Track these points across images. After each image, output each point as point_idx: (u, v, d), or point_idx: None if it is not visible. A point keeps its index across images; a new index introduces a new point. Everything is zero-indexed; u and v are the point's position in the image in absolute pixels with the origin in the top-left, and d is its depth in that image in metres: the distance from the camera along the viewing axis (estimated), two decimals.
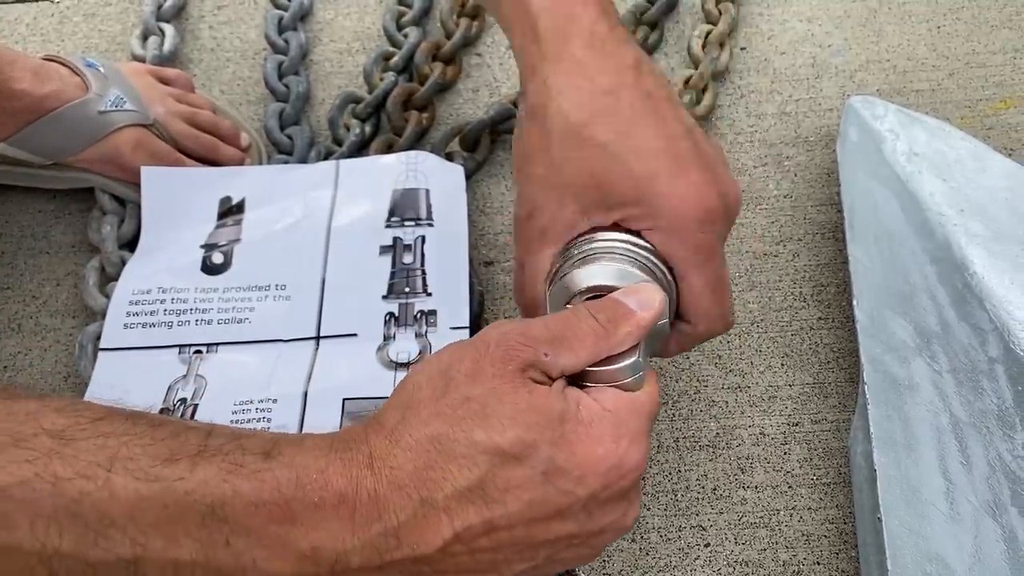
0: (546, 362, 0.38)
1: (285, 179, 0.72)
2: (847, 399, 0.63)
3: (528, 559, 0.38)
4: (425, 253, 0.67)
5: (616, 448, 0.37)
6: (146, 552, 0.33)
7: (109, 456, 0.34)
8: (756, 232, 0.71)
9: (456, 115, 0.80)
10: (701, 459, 0.62)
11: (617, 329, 0.40)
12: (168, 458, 0.34)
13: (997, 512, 0.52)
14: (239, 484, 0.34)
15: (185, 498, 0.34)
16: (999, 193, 0.65)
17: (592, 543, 0.40)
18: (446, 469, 0.36)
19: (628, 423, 0.38)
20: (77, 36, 0.86)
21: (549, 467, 0.36)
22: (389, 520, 0.35)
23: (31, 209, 0.75)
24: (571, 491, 0.37)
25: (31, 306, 0.71)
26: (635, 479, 0.39)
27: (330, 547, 0.35)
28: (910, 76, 0.79)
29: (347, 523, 0.35)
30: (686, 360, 0.66)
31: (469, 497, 0.36)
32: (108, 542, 0.33)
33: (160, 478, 0.34)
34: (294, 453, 0.36)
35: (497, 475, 0.36)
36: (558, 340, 0.39)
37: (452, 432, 0.36)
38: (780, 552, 0.58)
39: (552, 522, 0.37)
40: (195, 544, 0.34)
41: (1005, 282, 0.60)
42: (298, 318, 0.64)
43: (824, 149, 0.75)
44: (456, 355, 0.39)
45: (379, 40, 0.84)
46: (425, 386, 0.38)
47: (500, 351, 0.38)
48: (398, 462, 0.36)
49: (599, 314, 0.40)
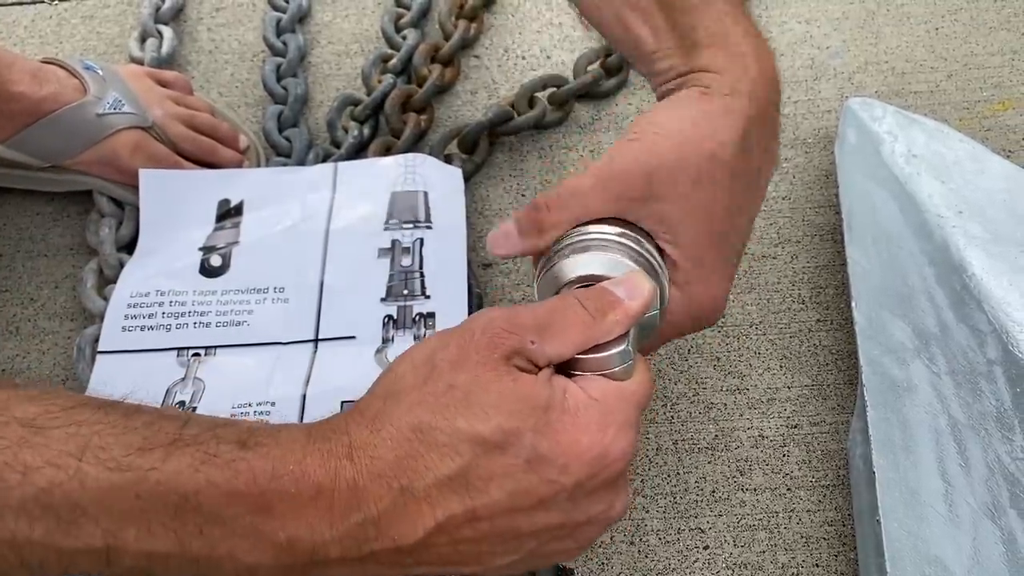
0: (532, 350, 0.38)
1: (283, 181, 0.72)
2: (846, 401, 0.63)
3: (512, 551, 0.38)
4: (424, 255, 0.67)
5: (602, 437, 0.37)
6: (118, 542, 0.33)
7: (80, 445, 0.33)
8: (755, 234, 0.71)
9: (454, 117, 0.79)
10: (700, 461, 0.62)
11: (605, 317, 0.40)
12: (141, 447, 0.34)
13: (996, 514, 0.52)
14: (213, 474, 0.34)
15: (157, 488, 0.33)
16: (997, 195, 0.65)
17: (578, 535, 0.39)
18: (428, 458, 0.35)
19: (615, 412, 0.38)
20: (75, 38, 0.85)
21: (532, 456, 0.36)
22: (369, 510, 0.35)
23: (29, 211, 0.75)
24: (555, 480, 0.36)
25: (29, 309, 0.71)
26: (621, 469, 0.38)
27: (307, 538, 0.34)
28: (908, 78, 0.79)
29: (325, 514, 0.34)
30: (685, 362, 0.66)
31: (451, 486, 0.35)
32: (80, 531, 0.33)
33: (132, 467, 0.33)
34: (271, 444, 0.35)
35: (480, 464, 0.35)
36: (545, 328, 0.38)
37: (434, 420, 0.36)
38: (779, 554, 0.58)
39: (536, 512, 0.37)
40: (169, 534, 0.33)
41: (1004, 284, 0.59)
42: (296, 320, 0.64)
43: (823, 151, 0.75)
44: (441, 343, 0.39)
45: (377, 42, 0.84)
46: (408, 374, 0.38)
47: (485, 338, 0.37)
48: (378, 452, 0.35)
49: (587, 302, 0.40)
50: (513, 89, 0.79)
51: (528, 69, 0.82)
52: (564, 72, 0.80)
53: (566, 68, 0.81)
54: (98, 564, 0.34)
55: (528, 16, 0.85)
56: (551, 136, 0.78)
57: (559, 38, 0.84)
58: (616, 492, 0.39)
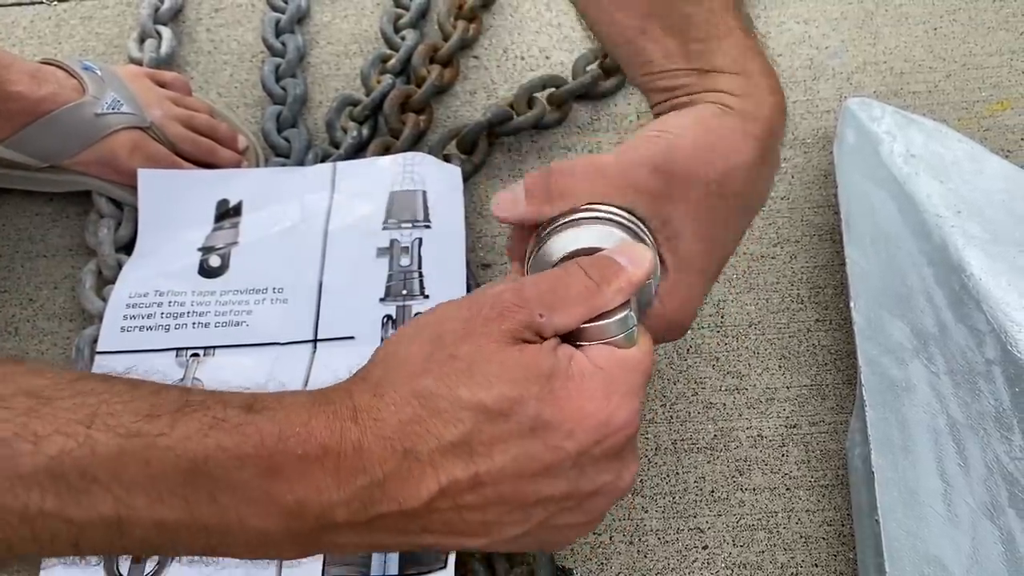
0: (541, 323, 0.38)
1: (282, 181, 0.72)
2: (845, 401, 0.63)
3: (520, 521, 0.37)
4: (422, 255, 0.67)
5: (607, 404, 0.37)
6: (130, 511, 0.33)
7: (89, 413, 0.33)
8: (753, 234, 0.71)
9: (453, 117, 0.80)
10: (699, 461, 0.62)
11: (609, 285, 0.40)
12: (149, 414, 0.34)
13: (994, 514, 0.52)
14: (222, 438, 0.34)
15: (167, 453, 0.33)
16: (996, 195, 0.65)
17: (587, 507, 0.39)
18: (430, 423, 0.35)
19: (619, 380, 0.38)
20: (74, 39, 0.85)
21: (536, 422, 0.36)
22: (374, 472, 0.35)
23: (28, 212, 0.75)
24: (559, 446, 0.36)
25: (28, 309, 0.71)
26: (627, 437, 0.38)
27: (315, 500, 0.34)
28: (907, 78, 0.79)
29: (331, 475, 0.34)
30: (684, 362, 0.66)
31: (455, 452, 0.35)
32: (91, 500, 0.32)
33: (142, 433, 0.33)
34: (276, 407, 0.35)
35: (483, 430, 0.35)
36: (551, 300, 0.39)
37: (437, 388, 0.36)
38: (778, 554, 0.58)
39: (541, 479, 0.36)
40: (179, 502, 0.33)
41: (1002, 284, 0.60)
42: (295, 321, 0.64)
43: (821, 151, 0.75)
44: (447, 314, 0.39)
45: (376, 43, 0.84)
46: (413, 343, 0.38)
47: (495, 312, 0.38)
48: (382, 415, 0.35)
49: (591, 270, 0.40)
50: (512, 89, 0.79)
51: (527, 69, 0.82)
52: (563, 72, 0.80)
53: (565, 68, 0.81)
54: (109, 536, 0.33)
55: (527, 17, 0.86)
56: (550, 136, 0.78)
57: (558, 38, 0.84)
58: (623, 462, 0.39)
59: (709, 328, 0.67)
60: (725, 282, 0.69)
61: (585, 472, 0.37)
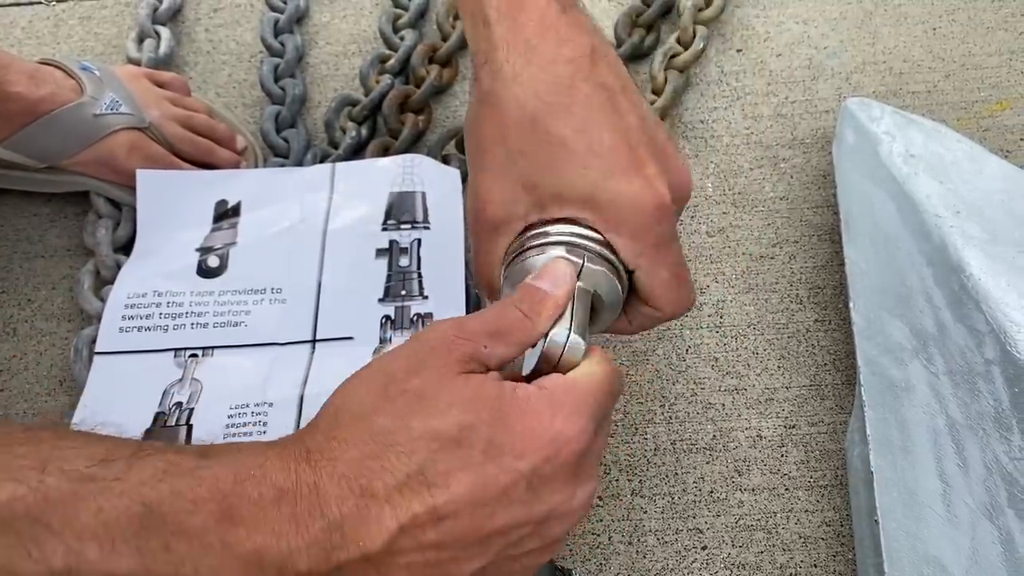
0: (485, 354, 0.39)
1: (281, 182, 0.72)
2: (844, 401, 0.63)
3: (480, 554, 0.37)
4: (421, 256, 0.67)
5: (552, 421, 0.38)
6: (81, 562, 0.32)
7: (43, 458, 0.33)
8: (752, 235, 0.71)
9: (452, 118, 0.79)
10: (698, 462, 0.62)
11: (540, 315, 0.42)
12: (104, 458, 0.33)
13: (994, 514, 0.52)
14: (176, 482, 0.33)
15: (121, 499, 0.32)
16: (995, 195, 0.65)
17: (543, 533, 0.39)
18: (384, 458, 0.35)
19: (563, 398, 0.39)
20: (73, 39, 0.85)
21: (488, 446, 0.36)
22: (332, 514, 0.34)
23: (26, 213, 0.75)
24: (512, 467, 0.36)
25: (26, 310, 0.71)
26: (576, 454, 0.38)
27: (275, 548, 0.34)
28: (906, 78, 0.79)
29: (290, 520, 0.34)
30: (683, 362, 0.66)
31: (410, 485, 0.35)
32: (41, 552, 0.31)
33: (96, 478, 0.32)
34: (231, 452, 0.36)
35: (437, 459, 0.35)
36: (494, 333, 0.40)
37: (390, 423, 0.36)
38: (777, 555, 0.58)
39: (498, 506, 0.36)
40: (132, 551, 0.32)
41: (1002, 284, 0.59)
42: (294, 321, 0.64)
43: (820, 151, 0.75)
44: (393, 355, 0.40)
45: (375, 43, 0.84)
46: (362, 386, 0.38)
47: (442, 345, 0.39)
48: (335, 455, 0.35)
49: (521, 304, 0.42)
50: None
51: None
52: None
53: None
54: None
55: None
56: None
57: None
58: (577, 481, 0.39)
59: (708, 328, 0.67)
60: (724, 282, 0.69)
61: (539, 494, 0.38)
